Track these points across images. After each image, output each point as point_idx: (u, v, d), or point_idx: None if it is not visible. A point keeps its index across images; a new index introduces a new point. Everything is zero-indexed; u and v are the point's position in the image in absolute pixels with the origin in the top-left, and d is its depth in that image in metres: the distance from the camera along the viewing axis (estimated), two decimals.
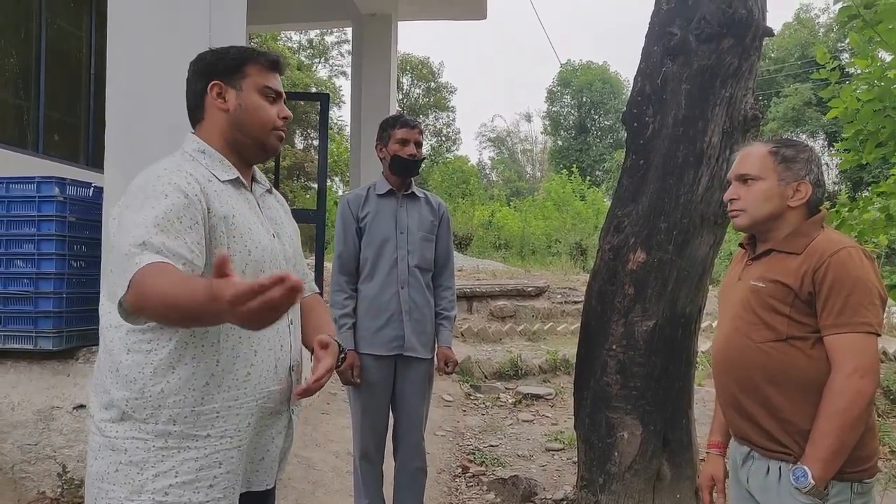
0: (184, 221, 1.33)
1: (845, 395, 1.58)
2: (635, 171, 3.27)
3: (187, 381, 1.36)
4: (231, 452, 1.40)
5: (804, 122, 26.10)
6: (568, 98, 37.24)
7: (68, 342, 3.17)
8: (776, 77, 28.84)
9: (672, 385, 3.19)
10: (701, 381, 6.07)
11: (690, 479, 3.29)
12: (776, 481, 1.69)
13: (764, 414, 1.72)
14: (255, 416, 1.45)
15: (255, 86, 1.53)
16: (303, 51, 26.73)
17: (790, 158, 1.75)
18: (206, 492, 1.36)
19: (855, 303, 1.60)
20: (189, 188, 1.38)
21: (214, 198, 1.42)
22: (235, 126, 1.53)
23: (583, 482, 3.29)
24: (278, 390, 1.49)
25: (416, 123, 2.91)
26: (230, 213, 1.44)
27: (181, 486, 1.35)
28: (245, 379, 1.42)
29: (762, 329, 1.71)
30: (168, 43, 3.07)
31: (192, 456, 1.36)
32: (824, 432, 1.59)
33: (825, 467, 1.59)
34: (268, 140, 1.54)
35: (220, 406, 1.38)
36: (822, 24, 30.35)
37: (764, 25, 3.11)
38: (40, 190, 3.16)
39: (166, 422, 1.35)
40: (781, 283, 1.69)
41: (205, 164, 1.51)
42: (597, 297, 3.30)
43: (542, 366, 7.22)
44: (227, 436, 1.39)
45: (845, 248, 1.65)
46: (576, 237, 16.29)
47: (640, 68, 3.33)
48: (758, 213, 1.76)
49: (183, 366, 1.36)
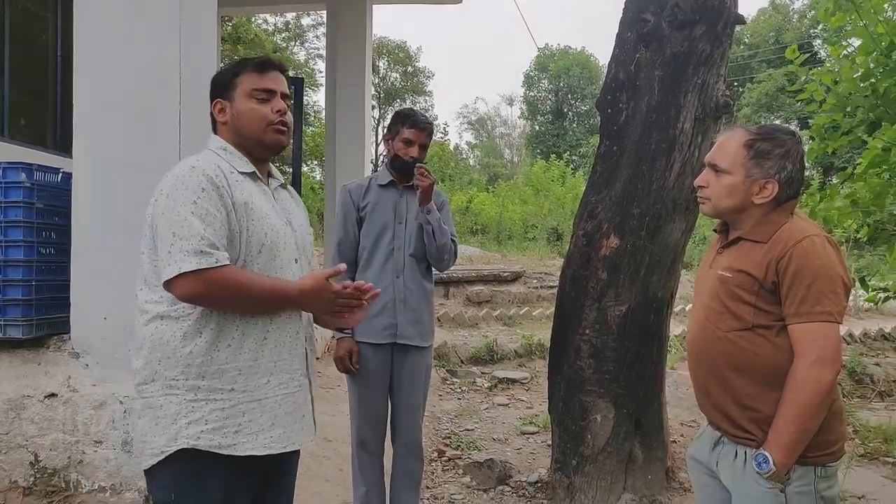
0: (218, 215, 1.56)
1: (807, 383, 1.61)
2: (609, 157, 3.29)
3: (213, 344, 1.57)
4: (252, 405, 1.60)
5: (777, 108, 26.42)
6: (545, 83, 37.25)
7: (38, 330, 3.12)
8: (750, 63, 29.12)
9: (644, 369, 3.25)
10: (673, 365, 6.17)
11: (661, 460, 3.36)
12: (742, 466, 1.72)
13: (730, 401, 1.75)
14: (276, 375, 1.64)
15: (245, 92, 1.72)
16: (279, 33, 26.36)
17: (763, 154, 1.72)
18: (233, 436, 1.57)
19: (817, 291, 1.61)
20: (218, 180, 1.59)
21: (236, 186, 1.63)
22: (235, 132, 1.73)
23: (556, 464, 3.35)
24: (299, 354, 1.70)
25: (426, 126, 2.86)
26: (249, 199, 1.63)
27: (211, 431, 1.56)
28: (262, 342, 1.62)
29: (728, 318, 1.74)
30: (137, 25, 3.01)
31: (219, 406, 1.57)
32: (786, 420, 1.62)
33: (786, 454, 1.62)
34: (264, 137, 1.71)
35: (242, 365, 1.59)
36: (795, 10, 30.64)
37: (735, 13, 3.14)
38: (6, 176, 3.09)
39: (196, 377, 1.56)
40: (747, 273, 1.71)
41: (226, 159, 1.71)
42: (570, 282, 3.34)
43: (517, 350, 7.29)
44: (249, 390, 1.60)
45: (808, 237, 1.66)
46: (553, 222, 16.38)
47: (614, 54, 3.35)
48: (721, 205, 1.79)
49: (209, 331, 1.57)
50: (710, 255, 1.93)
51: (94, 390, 2.96)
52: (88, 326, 3.00)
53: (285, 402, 1.66)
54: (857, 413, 5.30)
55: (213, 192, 1.57)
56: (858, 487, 3.73)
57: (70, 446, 2.95)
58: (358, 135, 7.20)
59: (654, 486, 3.26)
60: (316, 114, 23.60)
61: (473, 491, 3.68)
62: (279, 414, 1.65)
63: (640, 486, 3.22)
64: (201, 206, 1.55)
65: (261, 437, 1.61)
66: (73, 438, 2.95)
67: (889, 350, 8.40)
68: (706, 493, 1.91)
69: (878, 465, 4.25)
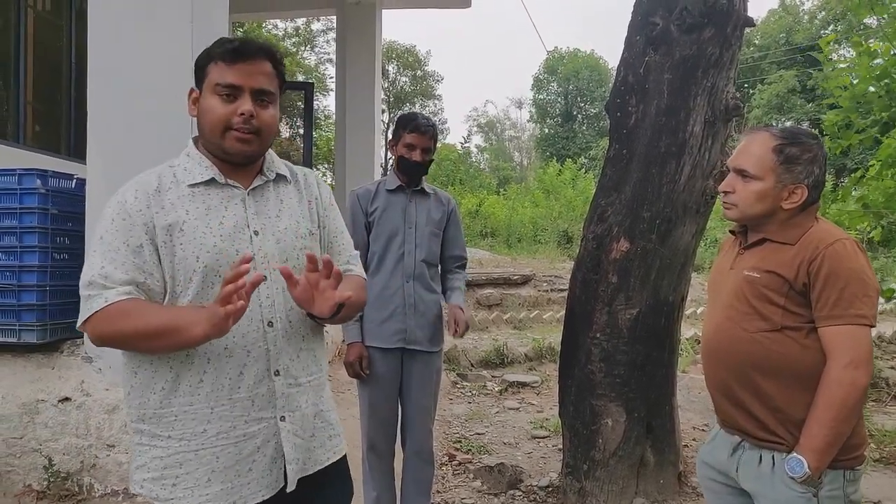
0: (130, 244, 1.40)
1: (842, 386, 1.59)
2: (618, 160, 3.29)
3: (148, 385, 1.42)
4: (189, 455, 1.42)
5: (789, 109, 26.23)
6: (555, 86, 37.20)
7: (52, 335, 3.15)
8: (760, 64, 28.95)
9: (655, 372, 3.23)
10: (685, 368, 6.14)
11: (673, 465, 3.34)
12: (769, 470, 1.69)
13: (757, 403, 1.72)
14: (213, 423, 1.42)
15: (210, 86, 1.47)
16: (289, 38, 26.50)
17: (793, 159, 1.71)
18: (171, 490, 1.42)
19: (850, 295, 1.61)
20: (137, 204, 1.42)
21: (161, 207, 1.43)
22: (199, 130, 1.51)
23: (567, 469, 3.34)
24: (242, 398, 1.44)
25: (428, 129, 2.88)
26: (177, 220, 1.42)
27: (151, 481, 1.43)
28: (198, 385, 1.42)
29: (756, 319, 1.71)
30: (149, 32, 3.05)
31: (158, 454, 1.43)
32: (821, 423, 1.60)
33: (821, 457, 1.60)
34: (222, 143, 1.46)
35: (178, 410, 1.41)
36: (805, 10, 30.45)
37: (745, 15, 3.13)
38: (22, 182, 3.13)
39: (137, 420, 1.44)
40: (777, 273, 1.69)
41: (181, 167, 1.50)
42: (581, 285, 3.33)
43: (527, 354, 7.26)
44: (185, 438, 1.42)
45: (840, 241, 1.66)
46: (563, 225, 16.34)
47: (623, 58, 3.35)
48: (750, 211, 1.76)
49: (143, 371, 1.43)
50: (727, 256, 1.90)
51: (107, 394, 2.99)
52: None
53: (224, 455, 1.43)
54: (873, 417, 5.24)
55: (123, 221, 1.40)
56: (874, 493, 3.69)
57: (83, 450, 2.98)
58: (368, 138, 7.24)
59: (666, 490, 3.25)
60: (326, 118, 23.70)
61: (484, 495, 3.68)
62: (216, 468, 1.42)
63: (652, 490, 3.21)
64: (105, 241, 1.40)
65: (196, 494, 1.42)
66: (86, 442, 2.98)
67: None
68: (718, 499, 1.89)
69: (895, 469, 4.21)
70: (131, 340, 1.37)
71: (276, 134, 1.56)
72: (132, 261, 1.39)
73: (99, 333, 1.37)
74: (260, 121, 1.46)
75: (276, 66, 1.51)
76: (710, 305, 1.94)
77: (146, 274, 1.40)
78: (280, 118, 1.58)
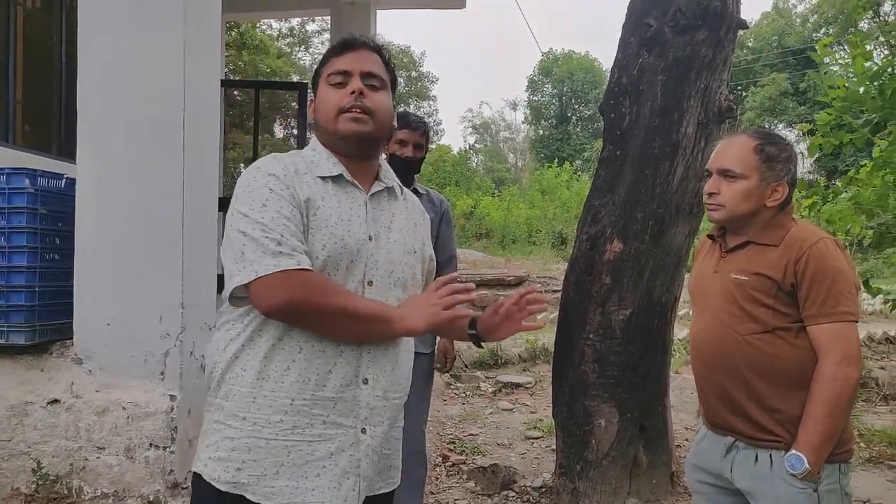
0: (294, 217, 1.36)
1: (836, 382, 1.63)
2: (612, 161, 3.29)
3: (243, 363, 1.38)
4: (260, 442, 1.36)
5: (781, 111, 26.36)
6: (549, 87, 37.24)
7: (41, 336, 3.12)
8: (753, 66, 29.08)
9: (648, 373, 3.24)
10: (677, 369, 6.15)
11: (666, 465, 3.35)
12: (767, 469, 1.71)
13: (752, 404, 1.74)
14: (290, 416, 1.37)
15: (324, 79, 1.49)
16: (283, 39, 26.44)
17: (773, 157, 1.76)
18: (234, 473, 1.36)
19: (836, 292, 1.65)
20: (284, 178, 1.39)
21: (302, 186, 1.41)
22: (317, 128, 1.51)
23: (561, 469, 3.33)
24: (325, 397, 1.38)
25: (419, 124, 2.90)
26: (313, 201, 1.40)
27: (216, 461, 1.37)
28: (284, 373, 1.36)
29: (747, 321, 1.74)
30: (141, 31, 3.02)
31: (230, 434, 1.37)
32: (816, 419, 1.64)
33: (819, 452, 1.64)
34: (337, 127, 1.45)
35: (258, 393, 1.36)
36: (798, 14, 30.61)
37: (738, 18, 3.14)
38: (10, 182, 3.09)
39: (223, 396, 1.40)
40: (765, 275, 1.72)
41: (308, 158, 1.49)
42: (574, 286, 3.33)
43: (521, 355, 7.27)
44: (260, 424, 1.36)
45: (822, 240, 1.70)
46: (558, 227, 16.36)
47: (617, 59, 3.35)
48: (737, 210, 1.78)
49: (243, 348, 1.38)
50: (709, 260, 1.92)
51: (96, 396, 2.97)
52: (91, 332, 3.00)
53: (295, 452, 1.36)
54: (862, 417, 5.26)
55: (286, 190, 1.38)
56: (863, 491, 3.70)
57: (73, 453, 2.95)
58: None
59: (659, 490, 3.25)
60: None
61: (478, 496, 3.67)
62: (286, 462, 1.36)
63: (645, 490, 3.21)
64: (270, 208, 1.35)
65: (261, 483, 1.36)
66: (75, 445, 2.95)
67: (894, 353, 8.34)
68: (711, 500, 1.90)
69: (883, 469, 4.22)
70: (331, 316, 1.33)
71: (390, 122, 1.54)
72: (296, 228, 1.35)
73: (285, 299, 1.29)
74: (371, 101, 1.45)
75: (384, 60, 1.53)
76: (696, 310, 1.96)
77: (304, 244, 1.36)
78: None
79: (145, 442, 2.91)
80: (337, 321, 1.34)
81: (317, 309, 1.32)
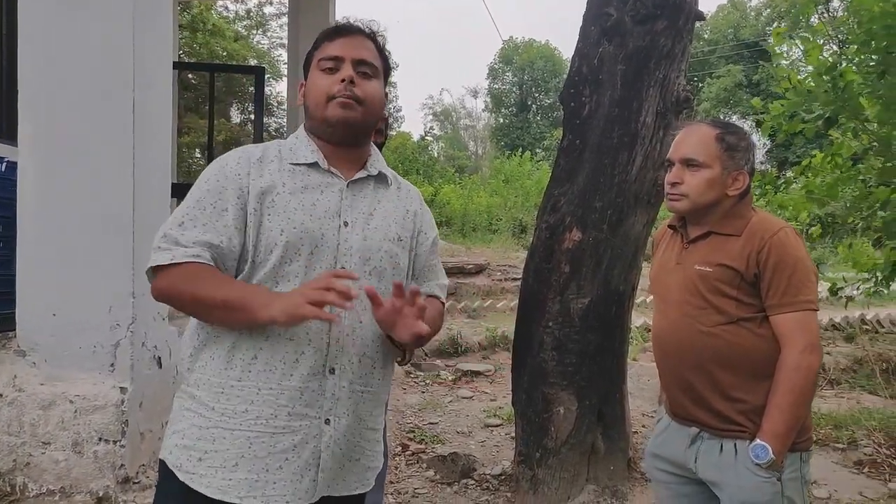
0: (217, 206, 1.38)
1: (800, 371, 1.64)
2: (572, 150, 3.29)
3: (211, 350, 1.38)
4: (224, 433, 1.34)
5: (735, 103, 26.95)
6: (510, 76, 37.34)
7: None
8: (709, 58, 29.62)
9: (606, 361, 3.26)
10: (634, 356, 6.25)
11: (623, 451, 3.39)
12: (732, 459, 1.72)
13: (717, 395, 1.74)
14: (256, 405, 1.35)
15: (316, 64, 1.47)
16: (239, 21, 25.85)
17: (734, 147, 1.76)
18: (195, 464, 1.34)
19: (797, 282, 1.66)
20: (233, 169, 1.41)
21: (260, 175, 1.41)
22: (306, 114, 1.49)
23: (520, 457, 3.35)
24: (292, 387, 1.36)
25: None
26: (271, 189, 1.40)
27: (181, 448, 1.36)
28: (251, 362, 1.35)
29: (712, 313, 1.74)
30: (86, 11, 2.90)
31: (198, 423, 1.36)
32: (781, 408, 1.64)
33: (784, 441, 1.65)
34: (325, 113, 1.43)
35: (225, 382, 1.36)
36: (752, 7, 31.26)
37: (696, 9, 3.17)
38: None
39: (193, 384, 1.39)
40: (728, 266, 1.72)
41: (287, 146, 1.49)
42: (534, 275, 3.33)
43: (481, 343, 7.30)
44: (227, 415, 1.35)
45: (783, 229, 1.71)
46: (518, 215, 16.45)
47: (578, 48, 3.34)
48: (700, 200, 1.77)
49: (204, 332, 1.40)
50: (670, 252, 1.91)
51: (41, 389, 2.86)
52: (36, 323, 2.88)
53: (258, 443, 1.34)
54: None
55: (217, 183, 1.39)
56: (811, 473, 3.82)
57: (16, 448, 2.84)
58: None
59: (617, 476, 3.29)
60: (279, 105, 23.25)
61: (437, 485, 3.67)
62: (247, 454, 1.34)
63: (603, 477, 3.25)
64: (193, 197, 1.39)
65: (219, 475, 1.33)
66: (18, 440, 2.84)
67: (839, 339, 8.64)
68: (669, 490, 1.91)
69: (829, 451, 4.37)
70: (190, 304, 1.35)
71: (381, 110, 1.53)
72: (213, 222, 1.36)
73: (160, 288, 1.37)
74: (362, 90, 1.43)
75: (378, 46, 1.50)
76: (658, 302, 1.95)
77: (223, 237, 1.36)
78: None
79: (94, 436, 2.83)
80: (199, 309, 1.36)
81: (178, 298, 1.37)
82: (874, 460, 4.08)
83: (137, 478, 2.88)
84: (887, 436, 4.38)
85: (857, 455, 4.21)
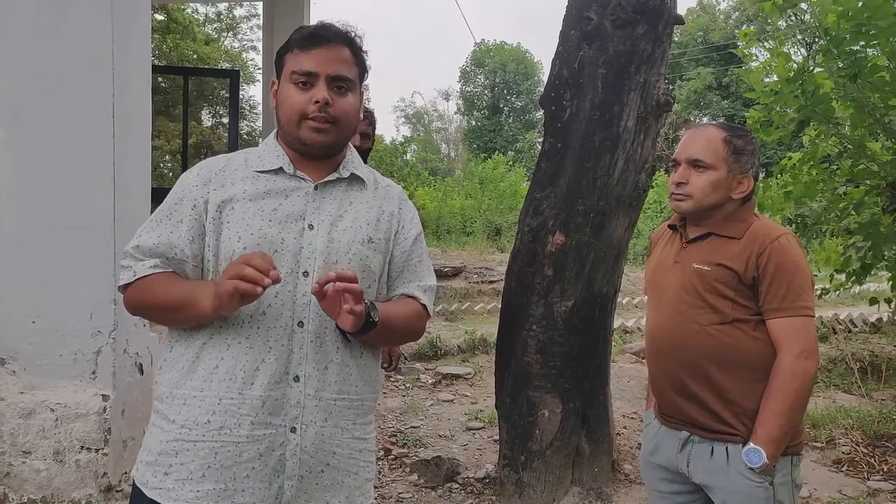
0: (173, 217, 1.41)
1: (796, 376, 1.64)
2: (553, 154, 3.32)
3: (175, 362, 1.39)
4: (187, 445, 1.33)
5: (706, 105, 27.39)
6: (482, 78, 37.45)
7: None
8: (679, 61, 30.06)
9: (590, 363, 3.30)
10: (614, 358, 6.31)
11: (608, 453, 3.43)
12: (724, 462, 1.71)
13: (710, 395, 1.74)
14: (218, 416, 1.33)
15: (287, 74, 1.42)
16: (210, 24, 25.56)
17: (740, 150, 1.77)
18: (161, 478, 1.33)
19: (797, 288, 1.68)
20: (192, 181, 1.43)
21: (221, 185, 1.41)
22: (277, 121, 1.47)
23: (505, 460, 3.36)
24: (254, 396, 1.34)
25: (367, 114, 2.81)
26: (230, 198, 1.40)
27: (146, 465, 1.36)
28: (213, 371, 1.34)
29: (708, 312, 1.74)
30: (66, 13, 2.85)
31: (160, 437, 1.36)
32: (776, 413, 1.64)
33: (777, 446, 1.65)
34: (299, 133, 1.40)
35: (188, 393, 1.35)
36: (722, 10, 31.80)
37: (675, 13, 3.22)
38: None
39: (157, 398, 1.40)
40: (727, 266, 1.73)
41: (255, 153, 1.49)
42: (516, 278, 3.35)
43: (460, 345, 7.30)
44: (188, 426, 1.33)
45: (784, 235, 1.73)
46: (492, 217, 16.50)
47: (558, 52, 3.37)
48: (704, 201, 1.78)
49: (176, 346, 1.40)
50: (668, 251, 1.92)
51: (21, 398, 2.80)
52: (15, 331, 2.82)
53: (223, 453, 1.33)
54: None
55: (175, 195, 1.43)
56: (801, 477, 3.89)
57: None
58: None
59: (601, 478, 3.32)
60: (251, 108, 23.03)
61: (421, 489, 3.66)
62: (213, 465, 1.32)
63: (587, 479, 3.28)
64: (156, 211, 1.44)
65: (186, 488, 1.32)
66: None
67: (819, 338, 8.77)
68: (664, 498, 1.92)
69: (807, 450, 4.45)
70: (153, 312, 1.43)
71: (356, 123, 1.51)
72: (168, 234, 1.40)
73: (130, 303, 1.41)
74: (336, 109, 1.40)
75: (354, 52, 1.46)
76: (653, 301, 1.95)
77: (177, 249, 1.39)
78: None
79: (76, 444, 2.78)
80: (164, 315, 1.41)
81: (146, 310, 1.44)
82: (852, 458, 4.12)
83: (120, 486, 2.84)
84: (864, 434, 4.45)
85: (836, 454, 4.26)
